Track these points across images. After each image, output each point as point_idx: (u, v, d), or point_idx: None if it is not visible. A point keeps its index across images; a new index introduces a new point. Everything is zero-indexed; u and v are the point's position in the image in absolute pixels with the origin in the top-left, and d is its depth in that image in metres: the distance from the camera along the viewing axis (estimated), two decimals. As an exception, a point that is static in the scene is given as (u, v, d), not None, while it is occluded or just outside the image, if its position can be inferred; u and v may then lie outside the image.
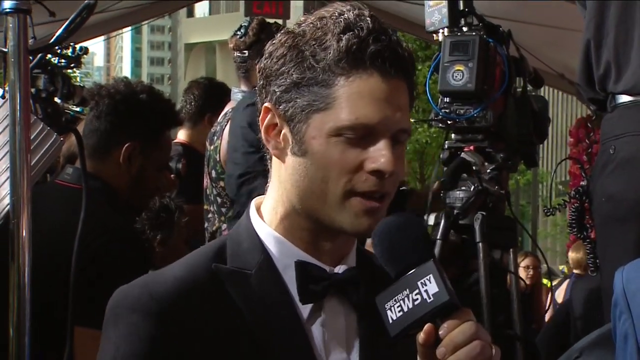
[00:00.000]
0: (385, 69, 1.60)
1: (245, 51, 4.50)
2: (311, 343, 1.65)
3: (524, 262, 8.84)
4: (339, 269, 1.68)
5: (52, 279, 2.62)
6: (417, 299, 1.49)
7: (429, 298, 1.48)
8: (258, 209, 1.74)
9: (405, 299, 1.50)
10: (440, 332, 1.48)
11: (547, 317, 9.52)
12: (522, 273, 8.32)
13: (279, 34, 1.69)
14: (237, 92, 4.59)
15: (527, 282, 8.54)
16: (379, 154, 1.59)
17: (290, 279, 1.66)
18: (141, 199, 3.13)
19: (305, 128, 1.62)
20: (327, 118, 1.60)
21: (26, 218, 2.17)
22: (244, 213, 1.76)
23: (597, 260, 3.41)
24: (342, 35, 1.59)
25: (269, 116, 1.67)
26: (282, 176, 1.67)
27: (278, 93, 1.64)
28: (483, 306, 3.05)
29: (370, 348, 1.68)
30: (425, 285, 1.49)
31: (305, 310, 1.66)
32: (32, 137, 2.37)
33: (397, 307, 1.51)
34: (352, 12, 1.62)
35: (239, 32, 4.56)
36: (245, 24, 4.57)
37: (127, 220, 3.12)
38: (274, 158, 1.70)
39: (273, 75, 1.65)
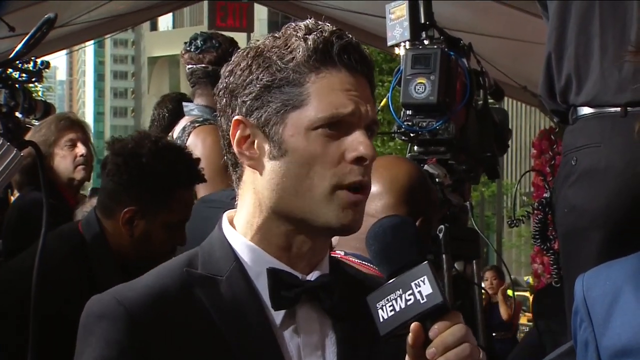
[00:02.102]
0: (352, 64, 1.66)
1: (209, 65, 4.37)
2: (282, 349, 1.65)
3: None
4: (312, 275, 1.69)
5: None
6: (410, 299, 1.51)
7: (422, 299, 1.50)
8: (231, 222, 1.75)
9: (398, 299, 1.51)
10: (430, 334, 1.50)
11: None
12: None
13: (236, 54, 1.72)
14: (194, 108, 4.44)
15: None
16: (357, 142, 1.63)
17: (262, 286, 1.67)
18: (145, 260, 2.80)
19: (282, 129, 1.64)
20: (303, 114, 1.63)
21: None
22: (216, 226, 1.76)
23: (561, 272, 3.43)
24: (307, 36, 1.64)
25: (239, 129, 1.68)
26: (259, 185, 1.68)
27: (248, 102, 1.66)
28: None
29: (348, 353, 1.68)
30: (419, 286, 1.51)
31: (277, 316, 1.67)
32: (-9, 153, 2.35)
33: (389, 306, 1.52)
34: (309, 21, 1.68)
35: (191, 47, 4.44)
36: (200, 38, 4.45)
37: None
38: (247, 171, 1.71)
39: (239, 88, 1.67)
